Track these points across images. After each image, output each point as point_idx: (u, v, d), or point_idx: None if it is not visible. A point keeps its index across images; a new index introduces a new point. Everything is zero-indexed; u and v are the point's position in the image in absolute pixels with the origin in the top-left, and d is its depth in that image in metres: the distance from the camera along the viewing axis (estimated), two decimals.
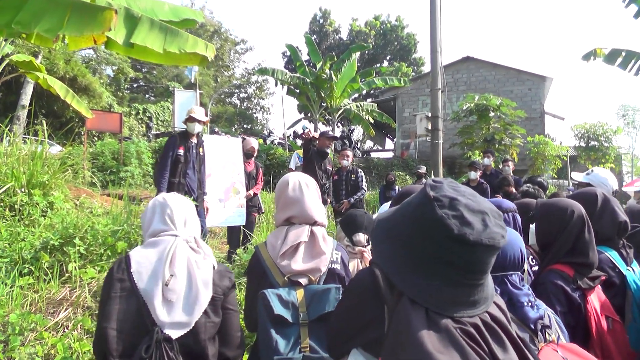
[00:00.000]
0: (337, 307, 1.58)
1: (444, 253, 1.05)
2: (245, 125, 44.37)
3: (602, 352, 2.06)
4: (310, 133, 7.53)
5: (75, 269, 4.06)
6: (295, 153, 9.05)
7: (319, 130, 17.65)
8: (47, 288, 3.89)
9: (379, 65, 34.58)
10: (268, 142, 21.44)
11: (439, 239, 1.04)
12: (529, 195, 4.25)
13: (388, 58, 43.09)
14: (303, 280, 2.01)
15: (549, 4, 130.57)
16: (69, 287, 3.97)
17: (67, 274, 4.12)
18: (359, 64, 24.13)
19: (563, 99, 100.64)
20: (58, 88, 8.37)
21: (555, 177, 18.07)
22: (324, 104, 21.50)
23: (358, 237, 2.79)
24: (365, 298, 1.32)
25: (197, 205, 5.66)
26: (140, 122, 26.20)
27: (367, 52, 38.55)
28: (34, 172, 5.78)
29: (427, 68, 37.87)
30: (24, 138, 8.09)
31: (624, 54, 9.10)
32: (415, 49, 42.98)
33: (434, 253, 1.06)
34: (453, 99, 22.20)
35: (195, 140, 5.95)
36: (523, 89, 22.71)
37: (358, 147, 27.34)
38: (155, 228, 2.01)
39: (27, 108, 14.30)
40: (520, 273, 1.78)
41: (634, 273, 2.50)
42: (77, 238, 4.27)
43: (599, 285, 2.25)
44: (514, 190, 7.12)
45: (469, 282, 1.06)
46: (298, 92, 22.06)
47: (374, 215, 3.66)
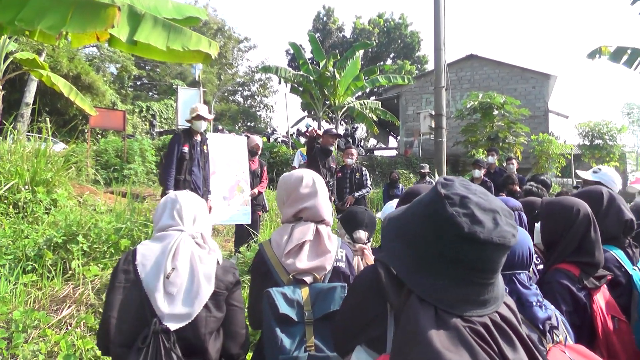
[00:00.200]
0: (341, 305, 1.58)
1: (454, 251, 1.04)
2: (249, 123, 44.37)
3: (608, 352, 2.04)
4: (314, 131, 7.52)
5: (79, 267, 4.08)
6: (299, 151, 9.03)
7: (323, 128, 17.63)
8: (50, 285, 3.91)
9: (383, 63, 34.57)
10: (271, 140, 21.43)
11: (449, 237, 1.03)
12: (532, 194, 4.22)
13: (392, 56, 43.00)
14: (308, 279, 2.00)
15: (553, 2, 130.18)
16: (72, 284, 3.98)
17: (70, 272, 4.13)
18: (363, 62, 24.13)
19: (567, 97, 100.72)
20: (62, 86, 8.38)
21: (559, 175, 18.04)
22: (328, 102, 21.41)
23: (358, 234, 2.78)
24: (368, 296, 1.32)
25: None
26: (144, 119, 26.24)
27: (370, 50, 38.50)
28: (38, 169, 5.80)
29: (430, 66, 37.81)
30: (28, 136, 8.09)
31: (630, 52, 9.05)
32: (419, 47, 42.87)
33: (444, 251, 1.05)
34: (457, 97, 22.17)
35: (200, 138, 5.95)
36: (527, 87, 22.65)
37: (361, 145, 27.31)
38: (164, 223, 2.05)
39: (30, 106, 14.32)
40: (528, 272, 1.77)
41: None
42: (80, 235, 4.29)
43: (605, 285, 2.24)
44: (518, 189, 7.10)
45: (479, 281, 1.05)
46: (301, 90, 22.03)
47: (378, 214, 3.66)
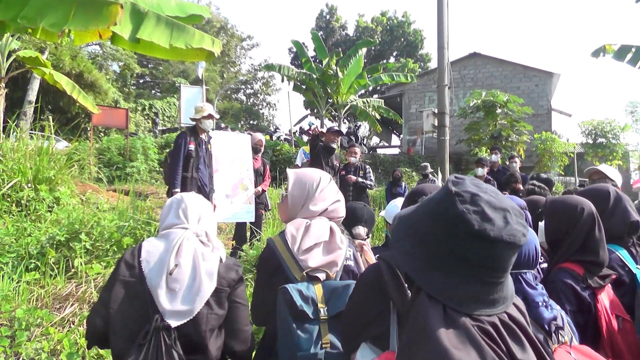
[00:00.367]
0: (347, 303, 1.58)
1: (464, 249, 1.03)
2: (252, 121, 44.38)
3: (612, 351, 2.03)
4: (317, 129, 7.54)
5: (81, 265, 4.08)
6: (302, 149, 9.01)
7: (326, 127, 17.62)
8: (53, 283, 3.92)
9: (386, 61, 34.49)
10: (274, 138, 21.41)
11: (460, 235, 1.03)
12: (535, 194, 4.20)
13: (394, 54, 42.92)
14: (321, 276, 1.99)
15: (556, 0, 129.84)
16: (75, 282, 3.99)
17: (73, 270, 4.14)
18: (366, 60, 24.03)
19: (570, 95, 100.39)
20: (64, 84, 8.38)
21: (562, 174, 18.00)
22: (330, 100, 21.37)
23: (358, 230, 2.77)
24: (371, 294, 1.35)
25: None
26: (147, 117, 26.26)
27: (373, 48, 38.39)
28: (41, 167, 5.81)
29: (433, 64, 37.78)
30: (31, 134, 8.10)
31: (634, 50, 8.99)
32: (422, 45, 42.78)
33: (454, 249, 1.05)
34: (460, 95, 22.09)
35: (205, 136, 6.02)
36: (530, 86, 22.56)
37: (364, 143, 27.29)
38: (169, 222, 2.08)
39: (33, 104, 14.34)
40: (534, 271, 1.76)
41: None
42: (83, 234, 4.30)
43: (609, 284, 2.22)
44: (521, 187, 7.09)
45: (489, 279, 1.05)
46: (304, 88, 21.95)
47: (382, 213, 3.65)
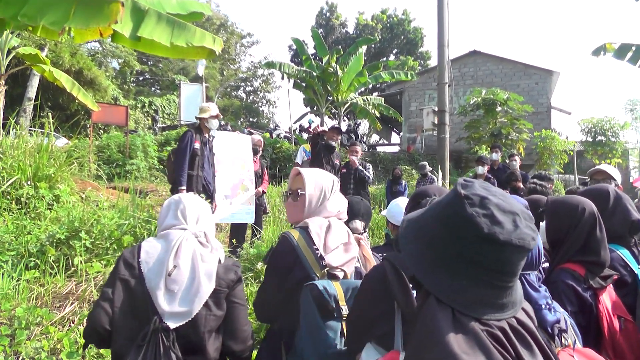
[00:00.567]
0: (352, 303, 1.58)
1: (473, 252, 1.03)
2: (251, 119, 44.31)
3: (614, 352, 2.02)
4: (318, 128, 7.58)
5: (81, 263, 4.07)
6: (302, 147, 9.01)
7: (326, 124, 17.59)
8: (53, 282, 3.91)
9: (386, 59, 34.39)
10: (274, 135, 21.37)
11: (469, 238, 1.03)
12: (536, 193, 4.19)
13: (394, 52, 42.85)
14: (340, 274, 1.99)
15: None
16: (75, 281, 3.98)
17: (73, 268, 4.13)
18: (366, 58, 23.96)
19: (570, 93, 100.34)
20: (64, 81, 8.37)
21: (562, 172, 18.00)
22: (330, 98, 21.33)
23: (355, 224, 2.76)
24: (375, 294, 1.37)
25: (211, 200, 5.75)
26: (146, 115, 26.20)
27: (373, 45, 38.33)
28: (40, 165, 5.79)
29: (433, 62, 37.69)
30: (30, 131, 8.09)
31: (634, 49, 8.99)
32: (422, 43, 42.71)
33: (463, 252, 1.04)
34: (460, 93, 22.08)
35: (209, 135, 6.05)
36: (530, 83, 22.56)
37: (364, 141, 27.28)
38: (168, 223, 2.08)
39: (33, 101, 14.31)
40: (537, 272, 1.76)
41: None
42: (83, 232, 4.28)
43: (611, 284, 2.22)
44: (522, 185, 7.09)
45: (498, 283, 1.05)
46: (304, 85, 21.92)
47: (383, 212, 3.64)
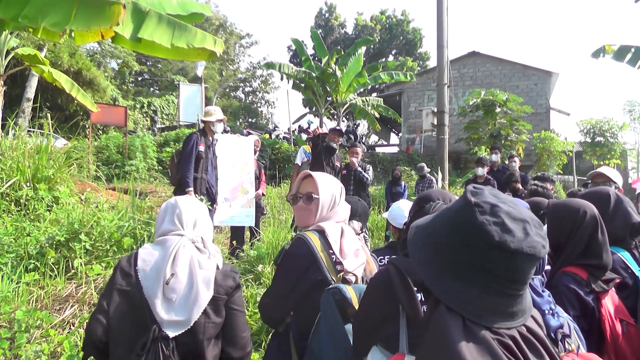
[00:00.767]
0: (358, 306, 1.58)
1: (484, 260, 1.02)
2: (250, 120, 44.28)
3: (616, 356, 2.02)
4: (318, 130, 7.60)
5: (81, 265, 4.06)
6: (302, 148, 8.99)
7: (325, 125, 17.57)
8: (53, 284, 3.89)
9: (385, 60, 34.41)
10: (273, 136, 21.35)
11: (479, 246, 1.02)
12: (538, 194, 4.19)
13: (394, 52, 42.88)
14: (353, 279, 1.99)
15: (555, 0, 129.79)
16: (75, 283, 3.97)
17: (72, 270, 4.11)
18: (365, 59, 23.99)
19: (569, 95, 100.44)
20: (63, 82, 8.35)
21: (561, 172, 18.03)
22: (330, 99, 21.33)
23: (352, 224, 2.76)
24: (380, 297, 1.37)
25: (213, 203, 5.78)
26: (145, 115, 26.19)
27: (372, 46, 38.35)
28: (39, 166, 5.77)
29: (432, 63, 37.77)
30: (29, 131, 8.06)
31: (633, 51, 9.03)
32: (421, 44, 42.76)
33: (473, 260, 1.04)
34: (459, 94, 22.11)
35: (212, 139, 6.07)
36: (529, 84, 22.60)
37: (363, 141, 27.27)
38: (165, 228, 2.04)
39: (31, 101, 14.28)
40: (541, 277, 1.75)
41: None
42: (82, 234, 4.26)
43: (613, 288, 2.21)
44: (521, 187, 7.10)
45: (508, 291, 1.04)
46: (303, 86, 21.92)
47: (385, 214, 3.64)
